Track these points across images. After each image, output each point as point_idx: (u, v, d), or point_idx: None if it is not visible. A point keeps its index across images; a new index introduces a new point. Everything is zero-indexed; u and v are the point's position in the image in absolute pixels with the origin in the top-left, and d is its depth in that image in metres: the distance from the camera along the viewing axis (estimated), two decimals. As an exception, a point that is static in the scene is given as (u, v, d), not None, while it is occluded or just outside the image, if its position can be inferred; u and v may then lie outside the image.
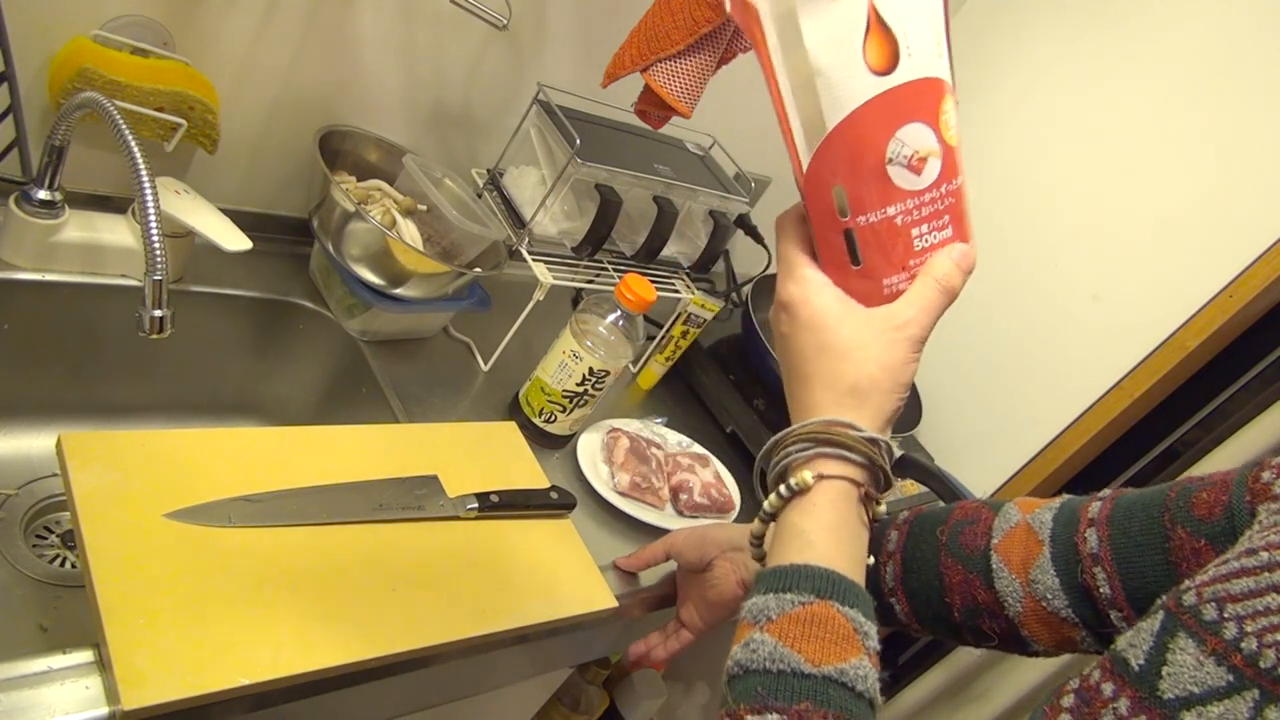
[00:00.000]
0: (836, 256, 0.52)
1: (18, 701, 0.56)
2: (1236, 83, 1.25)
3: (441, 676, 0.83)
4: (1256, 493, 0.56)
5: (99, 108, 0.74)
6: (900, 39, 0.48)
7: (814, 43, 0.47)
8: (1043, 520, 0.67)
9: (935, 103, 0.49)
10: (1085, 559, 0.62)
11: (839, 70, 0.47)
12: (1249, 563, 0.45)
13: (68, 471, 0.67)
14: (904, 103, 0.48)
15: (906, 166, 0.49)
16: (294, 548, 0.73)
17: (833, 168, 0.49)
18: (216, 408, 1.10)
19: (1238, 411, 1.27)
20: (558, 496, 0.93)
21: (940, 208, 0.51)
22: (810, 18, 0.46)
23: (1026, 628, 0.65)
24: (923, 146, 0.49)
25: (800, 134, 0.49)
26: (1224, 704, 0.39)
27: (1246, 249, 1.22)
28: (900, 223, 0.51)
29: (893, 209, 0.50)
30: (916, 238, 0.51)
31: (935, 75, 0.49)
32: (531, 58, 1.16)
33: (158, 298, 0.72)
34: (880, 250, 0.51)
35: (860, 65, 0.47)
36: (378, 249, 0.98)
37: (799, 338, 0.53)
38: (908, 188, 0.50)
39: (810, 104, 0.48)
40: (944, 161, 0.50)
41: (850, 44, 0.47)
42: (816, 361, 0.53)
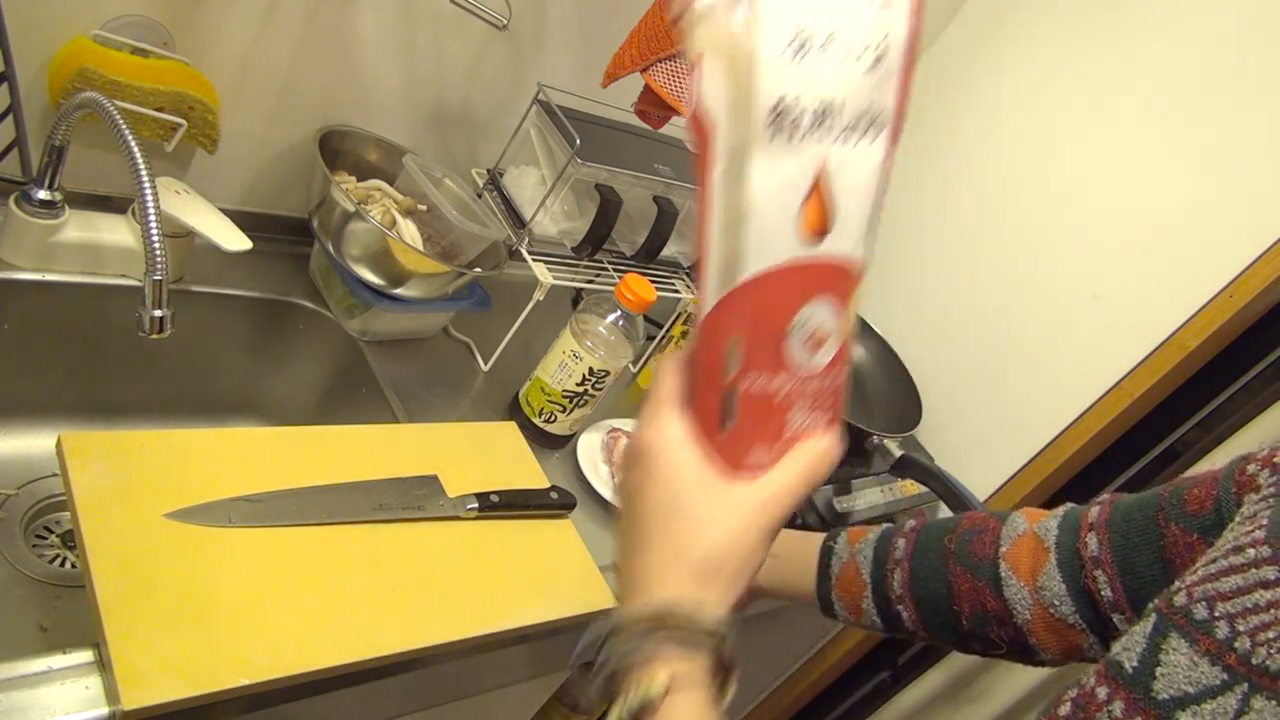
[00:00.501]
0: (709, 413, 0.48)
1: (18, 701, 0.56)
2: (1236, 83, 1.25)
3: (441, 676, 0.83)
4: (1242, 484, 0.56)
5: (99, 108, 0.74)
6: (837, 212, 0.46)
7: (757, 186, 0.43)
8: (1048, 528, 0.67)
9: (850, 287, 0.47)
10: (1087, 563, 0.63)
11: (773, 222, 0.44)
12: (1236, 560, 0.45)
13: (68, 471, 0.67)
14: (823, 277, 0.46)
15: (806, 342, 0.47)
16: (294, 548, 0.73)
17: (736, 318, 0.46)
18: (216, 408, 1.10)
19: (1238, 411, 1.28)
20: (558, 496, 0.93)
21: (823, 394, 0.49)
22: (761, 160, 0.43)
23: (1034, 635, 0.66)
24: (826, 327, 0.47)
25: (714, 274, 0.46)
26: (1217, 701, 0.39)
27: (1246, 249, 1.22)
28: (782, 397, 0.47)
29: (780, 380, 0.47)
30: (792, 418, 0.48)
31: (857, 260, 0.47)
32: (531, 58, 1.16)
33: (158, 298, 0.72)
34: (755, 418, 0.48)
35: (794, 224, 0.45)
36: (378, 249, 0.98)
37: (650, 492, 0.48)
38: (800, 364, 0.47)
39: (733, 246, 0.45)
40: (840, 350, 0.48)
41: (791, 199, 0.44)
42: (666, 524, 0.48)
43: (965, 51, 1.53)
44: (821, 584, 0.79)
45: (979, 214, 1.49)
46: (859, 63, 0.44)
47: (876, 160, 0.47)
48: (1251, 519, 0.48)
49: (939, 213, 1.54)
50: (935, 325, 1.53)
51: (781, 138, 0.43)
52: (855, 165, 0.46)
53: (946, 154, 1.53)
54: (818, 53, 0.43)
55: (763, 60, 0.42)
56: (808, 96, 0.43)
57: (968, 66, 1.52)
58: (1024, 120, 1.46)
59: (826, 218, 0.45)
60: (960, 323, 1.51)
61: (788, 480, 0.48)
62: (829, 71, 0.43)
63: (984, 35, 1.50)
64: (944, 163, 1.54)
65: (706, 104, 0.43)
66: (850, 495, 1.25)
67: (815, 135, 0.44)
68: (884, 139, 0.47)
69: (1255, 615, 0.41)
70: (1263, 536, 0.45)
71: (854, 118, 0.45)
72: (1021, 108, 1.46)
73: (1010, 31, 1.47)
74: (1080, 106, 1.39)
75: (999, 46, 1.49)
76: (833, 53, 0.43)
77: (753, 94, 0.42)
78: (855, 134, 0.45)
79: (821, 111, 0.43)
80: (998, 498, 1.43)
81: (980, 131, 1.50)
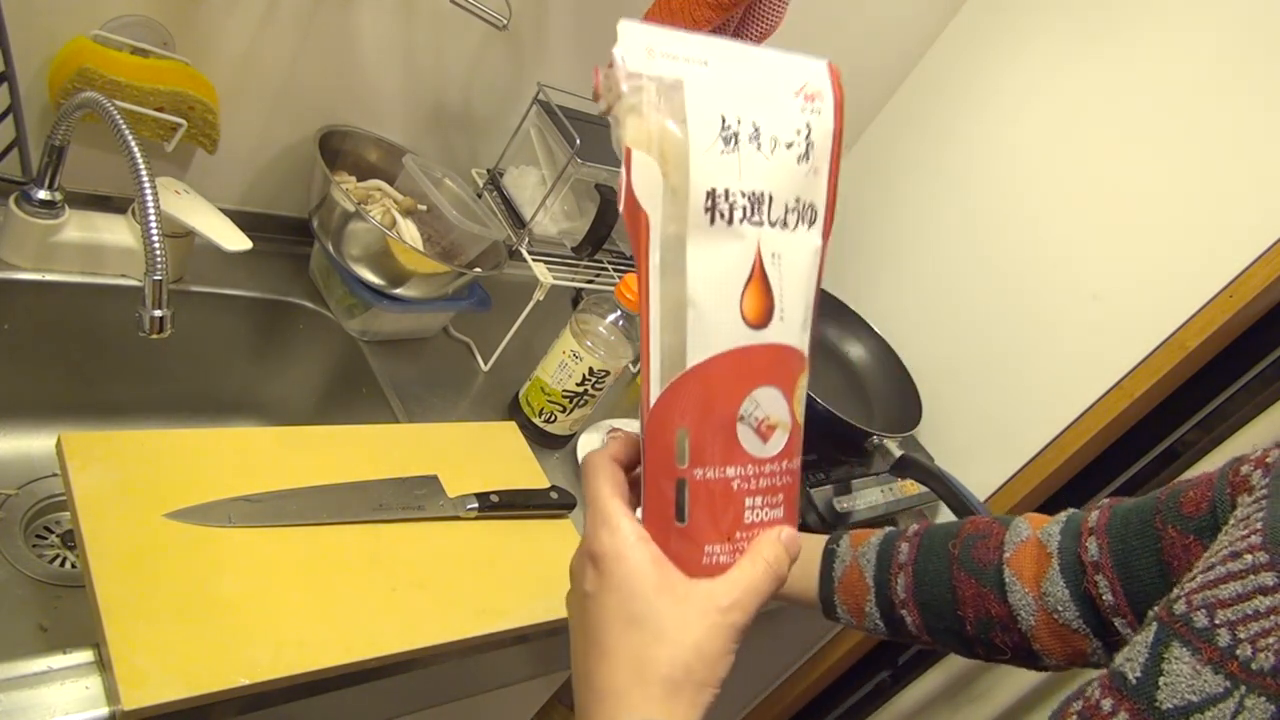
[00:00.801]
0: (662, 508, 0.46)
1: (18, 701, 0.56)
2: (1237, 82, 1.25)
3: (442, 676, 0.83)
4: (1236, 485, 0.56)
5: (99, 108, 0.74)
6: (777, 299, 0.45)
7: (695, 273, 0.43)
8: (1050, 533, 0.68)
9: (794, 375, 0.47)
10: (1088, 568, 0.63)
11: (713, 310, 0.44)
12: (1234, 566, 0.45)
13: (68, 471, 0.67)
14: (767, 364, 0.46)
15: (755, 430, 0.46)
16: (294, 548, 0.73)
17: (682, 408, 0.45)
18: (216, 408, 1.10)
19: (1238, 411, 1.27)
20: (558, 496, 0.93)
21: (778, 484, 0.47)
22: (698, 247, 0.43)
23: (1039, 641, 0.66)
24: (774, 414, 0.46)
25: (657, 365, 0.45)
26: (1219, 708, 0.39)
27: (1246, 249, 1.22)
28: (736, 488, 0.46)
29: (732, 470, 0.46)
30: (749, 509, 0.47)
31: (799, 348, 0.47)
32: (531, 58, 1.16)
33: (158, 298, 0.72)
34: (710, 512, 0.46)
35: (735, 311, 0.44)
36: (378, 249, 0.98)
37: (606, 600, 0.45)
38: (752, 452, 0.46)
39: (676, 336, 0.44)
40: (791, 437, 0.47)
41: (730, 286, 0.44)
42: (624, 636, 0.45)
43: (965, 51, 1.53)
44: (824, 587, 0.79)
45: (979, 213, 1.49)
46: (790, 151, 0.45)
47: (813, 248, 0.47)
48: (1245, 521, 0.48)
49: (939, 212, 1.54)
50: (935, 325, 1.53)
51: (720, 224, 0.43)
52: (794, 253, 0.46)
53: (947, 153, 1.54)
54: (748, 143, 0.44)
55: (694, 153, 0.42)
56: (742, 185, 0.44)
57: (968, 67, 1.52)
58: (1025, 120, 1.46)
59: (768, 304, 0.45)
60: (960, 323, 1.51)
61: (751, 579, 0.45)
62: (760, 161, 0.44)
63: (984, 34, 1.50)
64: (944, 162, 1.54)
65: (638, 194, 0.43)
66: (850, 495, 1.25)
67: (751, 222, 0.44)
68: (818, 229, 0.47)
69: (1255, 622, 0.41)
70: (1259, 542, 0.45)
71: (788, 205, 0.45)
72: (1022, 108, 1.46)
73: (1011, 31, 1.47)
74: (1081, 106, 1.39)
75: (999, 46, 1.49)
76: (763, 143, 0.44)
77: (688, 185, 0.42)
78: (791, 221, 0.46)
79: (756, 199, 0.44)
80: (998, 498, 1.43)
81: (981, 131, 1.50)
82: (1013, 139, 1.47)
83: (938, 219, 1.54)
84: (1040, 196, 1.43)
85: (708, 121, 0.43)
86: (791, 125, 0.45)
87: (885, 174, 1.62)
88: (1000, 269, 1.46)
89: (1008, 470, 1.43)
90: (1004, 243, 1.46)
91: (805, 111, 0.46)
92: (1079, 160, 1.39)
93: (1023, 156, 1.45)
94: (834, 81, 0.47)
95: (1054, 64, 1.42)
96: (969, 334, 1.49)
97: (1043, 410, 1.40)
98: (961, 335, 1.50)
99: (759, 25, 1.04)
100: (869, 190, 1.64)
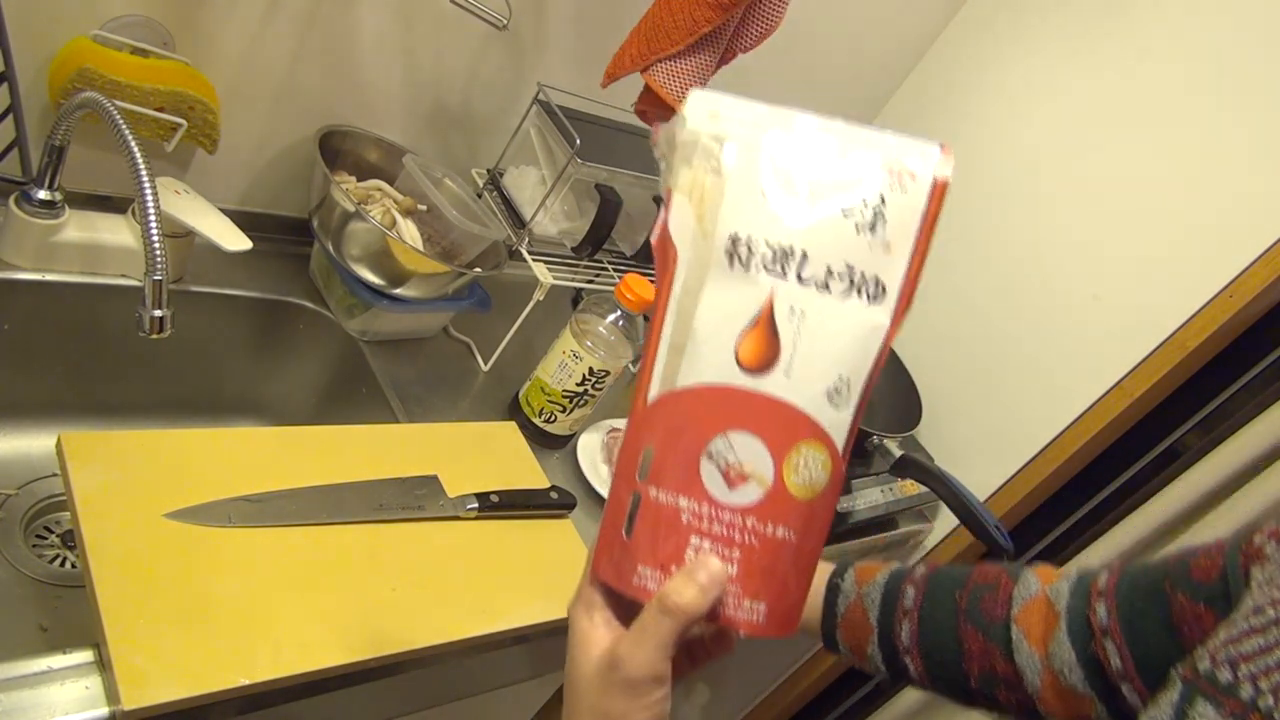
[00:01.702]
0: (616, 516, 0.48)
1: (18, 701, 0.56)
2: (1237, 82, 1.25)
3: (441, 676, 0.83)
4: (1250, 555, 0.56)
5: (99, 108, 0.74)
6: (784, 353, 0.45)
7: (703, 308, 0.45)
8: (1059, 591, 0.66)
9: (791, 436, 0.46)
10: (1096, 632, 0.62)
11: (708, 342, 0.45)
12: (1256, 621, 0.45)
13: (68, 471, 0.67)
14: (754, 411, 0.45)
15: (722, 471, 0.45)
16: (294, 548, 0.73)
17: (655, 425, 0.46)
18: (216, 408, 1.10)
19: (1238, 411, 1.27)
20: (558, 496, 0.93)
21: (736, 538, 0.46)
22: (713, 285, 0.45)
23: (1044, 702, 0.65)
24: (749, 464, 0.45)
25: (654, 384, 0.47)
26: None
27: (1246, 249, 1.22)
28: (685, 521, 0.46)
29: (684, 501, 0.46)
30: (692, 547, 0.46)
31: (808, 413, 0.46)
32: (531, 58, 1.16)
33: (158, 298, 0.72)
34: (653, 534, 0.46)
35: (730, 350, 0.45)
36: (378, 249, 0.98)
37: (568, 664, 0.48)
38: (712, 492, 0.45)
39: (675, 363, 0.46)
40: (768, 499, 0.45)
41: (731, 325, 0.45)
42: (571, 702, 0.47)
43: (966, 51, 1.53)
44: (826, 621, 0.77)
45: (980, 214, 1.49)
46: (845, 218, 0.45)
47: (869, 323, 0.46)
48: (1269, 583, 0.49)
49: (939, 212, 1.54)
50: (935, 325, 1.53)
51: (738, 268, 0.45)
52: (829, 318, 0.45)
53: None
54: (788, 199, 0.45)
55: (728, 202, 0.45)
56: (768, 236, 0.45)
57: (968, 66, 1.52)
58: (1025, 120, 1.46)
59: (768, 353, 0.45)
60: (960, 322, 1.51)
61: (646, 628, 0.44)
62: (799, 220, 0.45)
63: (985, 34, 1.50)
64: (944, 163, 1.54)
65: (672, 233, 0.46)
66: (850, 495, 1.25)
67: (770, 272, 0.45)
68: (884, 308, 0.46)
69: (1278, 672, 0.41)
70: None
71: (831, 268, 0.45)
72: (1023, 108, 1.46)
73: (1012, 30, 1.47)
74: (1081, 107, 1.39)
75: (1000, 46, 1.49)
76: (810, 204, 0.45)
77: (716, 229, 0.45)
78: (834, 287, 0.46)
79: (784, 253, 0.45)
80: (998, 498, 1.43)
81: (981, 131, 1.50)
82: (1013, 139, 1.47)
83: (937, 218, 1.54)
84: (1040, 196, 1.43)
85: (748, 175, 0.45)
86: (859, 194, 0.45)
87: (885, 174, 1.62)
88: (1000, 269, 1.46)
89: (1008, 470, 1.43)
90: (1004, 243, 1.46)
91: (886, 185, 0.46)
92: (1079, 160, 1.39)
93: (1023, 157, 1.45)
94: (937, 185, 0.48)
95: (1055, 65, 1.42)
96: (969, 334, 1.49)
97: (1043, 410, 1.40)
98: (961, 335, 1.50)
99: (759, 25, 1.04)
100: (869, 190, 1.64)
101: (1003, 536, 1.25)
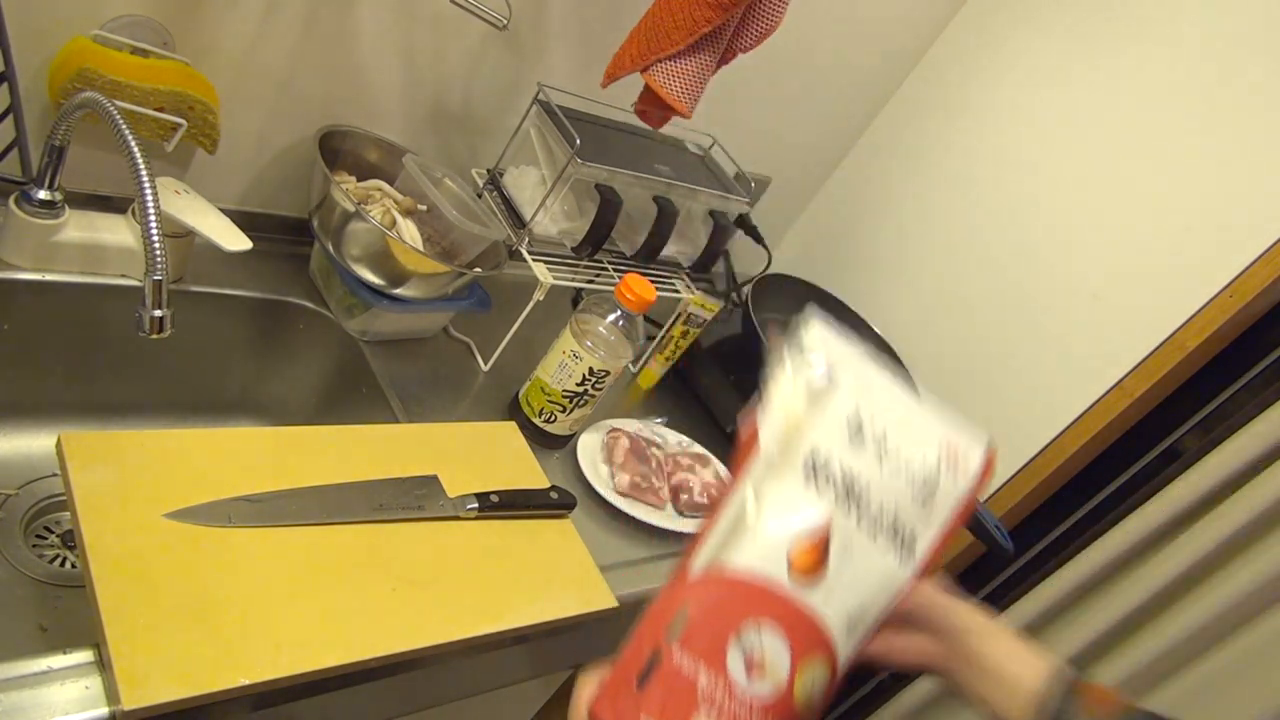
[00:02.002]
0: (634, 662, 0.49)
1: (18, 701, 0.56)
2: (1238, 83, 1.25)
3: (442, 676, 0.83)
4: None
5: (99, 108, 0.74)
6: (830, 576, 0.49)
7: (770, 501, 0.50)
8: None
9: (811, 648, 0.48)
10: None
11: (769, 534, 0.49)
12: None
13: (68, 471, 0.67)
14: (789, 614, 0.48)
15: (746, 658, 0.48)
16: (294, 548, 0.73)
17: (699, 592, 0.49)
18: (216, 408, 1.10)
19: (1238, 411, 1.27)
20: (558, 496, 0.93)
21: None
22: (784, 485, 0.50)
23: None
24: (769, 661, 0.48)
25: (709, 549, 0.50)
26: None
27: (1246, 249, 1.22)
28: (698, 694, 0.47)
29: (705, 677, 0.47)
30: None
31: (831, 634, 0.49)
32: (531, 58, 1.16)
33: (158, 298, 0.72)
34: (663, 695, 0.47)
35: (784, 548, 0.49)
36: (378, 249, 0.98)
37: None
38: (732, 674, 0.47)
39: (732, 541, 0.50)
40: (778, 700, 0.47)
41: (790, 526, 0.49)
42: None
43: (966, 50, 1.53)
44: None
45: (979, 213, 1.49)
46: (906, 483, 0.51)
47: (892, 573, 0.50)
48: None
49: (939, 211, 1.54)
50: (935, 325, 1.53)
51: (810, 479, 0.50)
52: (865, 558, 0.50)
53: (947, 153, 1.53)
54: (871, 443, 0.51)
55: (821, 422, 0.51)
56: (844, 462, 0.50)
57: (969, 65, 1.52)
58: (1025, 119, 1.46)
59: (815, 566, 0.49)
60: (960, 323, 1.51)
61: None
62: (873, 462, 0.51)
63: (985, 33, 1.50)
64: (944, 161, 1.54)
65: (763, 431, 0.51)
66: (850, 495, 1.25)
67: (838, 496, 0.50)
68: (908, 565, 0.51)
69: None
70: None
71: (883, 513, 0.51)
72: (1022, 107, 1.46)
73: (1012, 29, 1.47)
74: (1081, 106, 1.39)
75: (1000, 44, 1.49)
76: (884, 455, 0.51)
77: (802, 439, 0.51)
78: (879, 536, 0.51)
79: (851, 483, 0.50)
80: (998, 498, 1.43)
81: (981, 130, 1.50)
82: (1013, 139, 1.47)
83: (938, 219, 1.54)
84: (1040, 196, 1.43)
85: (840, 409, 0.51)
86: (922, 466, 0.51)
87: (885, 173, 1.62)
88: (1000, 269, 1.46)
89: (1008, 470, 1.43)
90: (1004, 242, 1.46)
91: (941, 465, 0.52)
92: (1079, 160, 1.39)
93: (1023, 156, 1.45)
94: (986, 462, 0.53)
95: (1055, 64, 1.42)
96: (969, 334, 1.49)
97: (1043, 410, 1.40)
98: (961, 335, 1.50)
99: (759, 25, 1.04)
100: (869, 190, 1.64)
101: (1003, 536, 1.25)
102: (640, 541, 1.02)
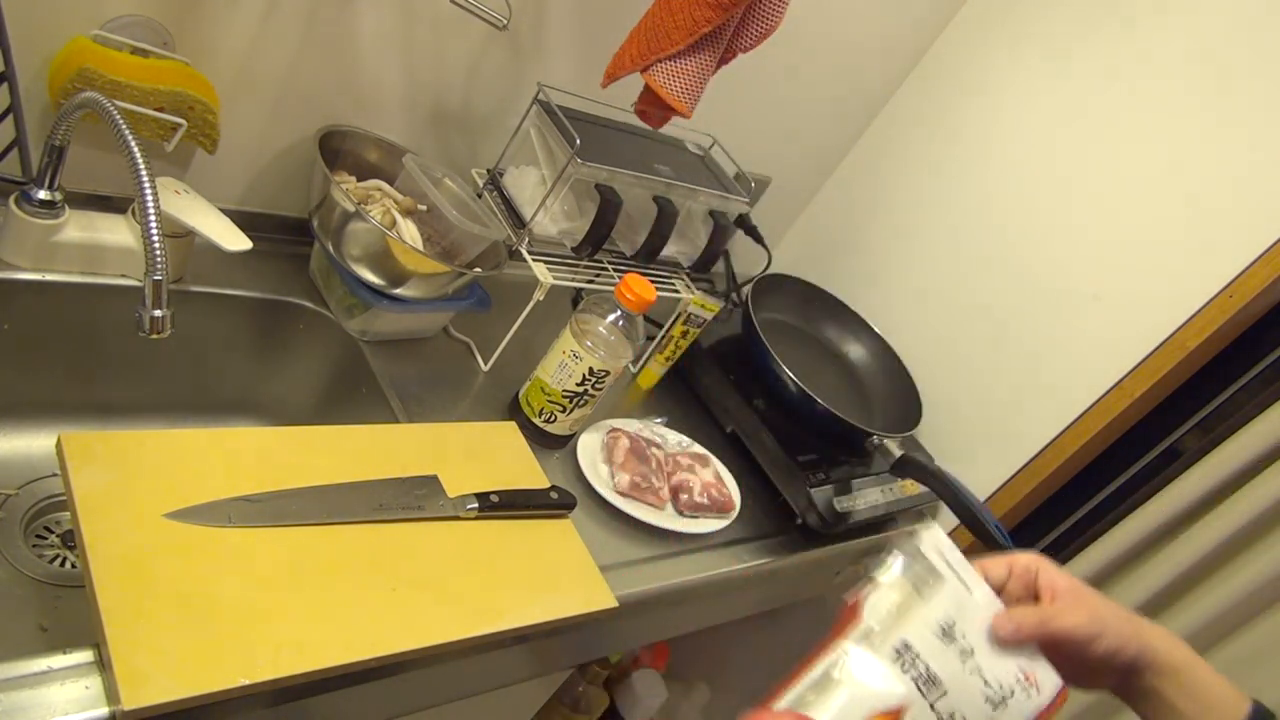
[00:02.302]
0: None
1: (18, 701, 0.56)
2: (1237, 83, 1.25)
3: (441, 676, 0.83)
4: None
5: (99, 108, 0.74)
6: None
7: (857, 671, 0.58)
8: None
9: None
10: None
11: (851, 698, 0.57)
12: None
13: (68, 471, 0.67)
14: None
15: None
16: (294, 548, 0.73)
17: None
18: (216, 408, 1.10)
19: (1238, 412, 1.27)
20: (558, 496, 0.93)
21: None
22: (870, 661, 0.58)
23: None
24: None
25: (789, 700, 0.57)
26: None
27: (1246, 249, 1.22)
28: None
29: None
30: None
31: None
32: (531, 58, 1.16)
33: (158, 298, 0.72)
34: None
35: (862, 712, 0.57)
36: (378, 249, 0.98)
37: None
38: None
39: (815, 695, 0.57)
40: None
41: (871, 699, 0.57)
42: None
43: (967, 50, 1.53)
44: None
45: (980, 213, 1.49)
46: (981, 692, 0.59)
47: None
48: None
49: (940, 212, 1.54)
50: (935, 325, 1.53)
51: (895, 662, 0.58)
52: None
53: (947, 154, 1.54)
54: (956, 649, 0.59)
55: (919, 617, 0.59)
56: (929, 661, 0.58)
57: (969, 65, 1.52)
58: (1025, 120, 1.46)
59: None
60: (960, 323, 1.51)
61: None
62: (956, 667, 0.59)
63: (985, 33, 1.50)
64: (945, 162, 1.54)
65: (866, 606, 0.60)
66: (850, 495, 1.25)
67: (918, 686, 0.58)
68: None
69: None
70: None
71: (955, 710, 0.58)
72: (1023, 108, 1.46)
73: (1012, 30, 1.47)
74: (1081, 107, 1.39)
75: (1000, 45, 1.49)
76: (967, 662, 0.59)
77: (898, 627, 0.59)
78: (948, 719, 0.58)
79: (932, 680, 0.58)
80: (998, 498, 1.43)
81: (981, 131, 1.50)
82: (1013, 139, 1.47)
83: (938, 219, 1.54)
84: (1040, 196, 1.43)
85: (942, 613, 0.60)
86: (1001, 678, 0.59)
87: (885, 174, 1.62)
88: (1000, 269, 1.46)
89: (1008, 470, 1.43)
90: (1004, 243, 1.46)
91: (1020, 685, 0.60)
92: (1079, 160, 1.39)
93: (1023, 157, 1.45)
94: (1058, 695, 0.60)
95: (1054, 64, 1.42)
96: (969, 334, 1.49)
97: (1043, 410, 1.40)
98: (961, 335, 1.50)
99: (759, 25, 1.04)
100: (869, 190, 1.64)
101: (1003, 536, 1.25)
102: (640, 541, 1.02)
